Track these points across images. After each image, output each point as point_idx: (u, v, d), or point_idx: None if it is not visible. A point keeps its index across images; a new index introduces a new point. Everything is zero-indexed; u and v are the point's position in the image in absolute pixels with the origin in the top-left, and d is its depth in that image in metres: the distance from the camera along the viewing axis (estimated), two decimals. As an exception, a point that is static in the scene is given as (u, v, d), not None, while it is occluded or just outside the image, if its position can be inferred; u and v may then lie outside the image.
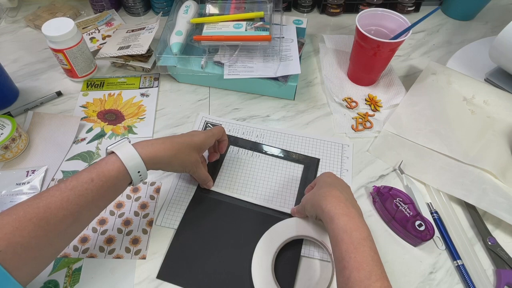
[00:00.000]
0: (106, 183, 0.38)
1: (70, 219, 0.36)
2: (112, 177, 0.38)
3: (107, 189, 0.38)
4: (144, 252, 0.46)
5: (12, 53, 0.71)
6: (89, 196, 0.37)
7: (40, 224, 0.34)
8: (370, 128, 0.60)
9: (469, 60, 0.68)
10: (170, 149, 0.43)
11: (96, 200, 0.38)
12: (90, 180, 0.37)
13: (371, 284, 0.32)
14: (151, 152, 0.41)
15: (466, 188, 0.51)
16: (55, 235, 0.35)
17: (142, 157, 0.40)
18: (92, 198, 0.37)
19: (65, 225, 0.36)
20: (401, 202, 0.49)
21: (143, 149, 0.40)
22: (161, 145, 0.42)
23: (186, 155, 0.45)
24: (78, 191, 0.36)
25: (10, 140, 0.52)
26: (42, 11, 0.78)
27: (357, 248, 0.35)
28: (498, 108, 0.59)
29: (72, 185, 0.36)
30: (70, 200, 0.35)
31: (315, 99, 0.65)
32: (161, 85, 0.66)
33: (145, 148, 0.41)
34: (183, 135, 0.46)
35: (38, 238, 0.33)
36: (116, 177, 0.38)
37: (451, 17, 0.82)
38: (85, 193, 0.36)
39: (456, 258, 0.46)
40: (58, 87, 0.65)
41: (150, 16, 0.81)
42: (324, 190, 0.42)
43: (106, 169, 0.38)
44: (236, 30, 0.60)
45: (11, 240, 0.32)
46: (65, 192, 0.36)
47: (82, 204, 0.36)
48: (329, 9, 0.81)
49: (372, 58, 0.59)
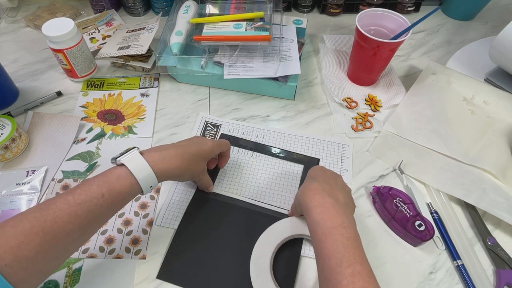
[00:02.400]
0: (117, 199, 0.37)
1: (77, 233, 0.35)
2: (124, 193, 0.37)
3: (117, 203, 0.38)
4: (144, 252, 0.46)
5: (12, 53, 0.71)
6: (98, 211, 0.36)
7: (46, 238, 0.33)
8: (370, 128, 0.60)
9: (469, 60, 0.68)
10: (182, 162, 0.42)
11: (105, 214, 0.37)
12: (100, 195, 0.36)
13: (342, 271, 0.33)
14: (164, 167, 0.40)
15: (466, 188, 0.51)
16: (61, 248, 0.35)
17: (155, 172, 0.39)
18: (101, 213, 0.36)
19: (72, 238, 0.35)
20: (401, 202, 0.49)
21: (157, 164, 0.39)
22: (174, 159, 0.41)
23: (196, 166, 0.45)
24: (87, 206, 0.35)
25: (10, 140, 0.52)
26: (42, 11, 0.78)
27: (327, 237, 0.35)
28: (498, 108, 0.59)
29: (81, 199, 0.35)
30: (79, 215, 0.35)
31: (315, 99, 0.65)
32: (161, 85, 0.66)
33: (159, 163, 0.40)
34: (192, 144, 0.45)
35: (44, 251, 0.33)
36: (129, 192, 0.38)
37: (451, 17, 0.82)
38: (94, 208, 0.35)
39: (456, 258, 0.46)
40: (58, 87, 0.65)
41: (150, 16, 0.81)
42: (304, 185, 0.42)
43: (118, 185, 0.37)
44: (236, 30, 0.60)
45: (17, 254, 0.31)
46: (74, 206, 0.35)
47: (91, 219, 0.36)
48: (329, 9, 0.81)
49: (372, 58, 0.59)
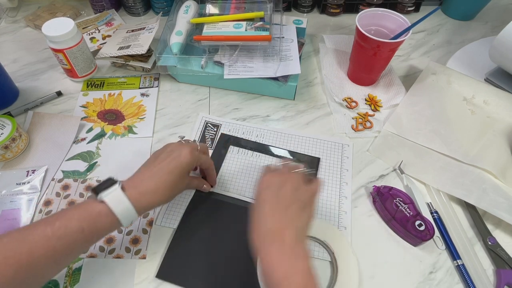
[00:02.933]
0: (96, 234, 0.37)
1: (53, 267, 0.35)
2: (104, 229, 0.37)
3: (96, 238, 0.37)
4: (144, 252, 0.46)
5: (12, 53, 0.71)
6: (77, 245, 0.35)
7: (20, 270, 0.32)
8: (370, 128, 0.60)
9: (469, 60, 0.68)
10: (163, 195, 0.41)
11: (82, 248, 0.37)
12: (80, 230, 0.35)
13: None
14: (145, 204, 0.39)
15: (466, 188, 0.51)
16: (35, 279, 0.34)
17: (137, 210, 0.38)
18: (80, 247, 0.36)
19: (47, 271, 0.35)
20: (401, 202, 0.49)
21: (139, 202, 0.38)
22: (154, 194, 0.40)
23: (178, 188, 0.43)
24: (66, 241, 0.34)
25: (10, 140, 0.52)
26: (42, 11, 0.78)
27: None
28: (498, 108, 0.59)
29: (60, 233, 0.34)
30: (56, 250, 0.34)
31: (315, 99, 0.65)
32: (161, 85, 0.66)
33: (141, 201, 0.38)
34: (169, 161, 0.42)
35: (17, 284, 0.32)
36: (109, 229, 0.38)
37: (451, 17, 0.82)
38: (73, 243, 0.35)
39: (456, 258, 0.46)
40: (58, 87, 0.65)
41: (150, 16, 0.81)
42: (252, 219, 0.38)
43: (99, 222, 0.36)
44: (236, 30, 0.60)
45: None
46: (52, 240, 0.34)
47: (68, 253, 0.35)
48: (329, 9, 0.81)
49: (372, 58, 0.59)
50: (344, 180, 0.53)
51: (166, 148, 0.44)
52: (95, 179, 0.53)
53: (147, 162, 0.43)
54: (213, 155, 0.56)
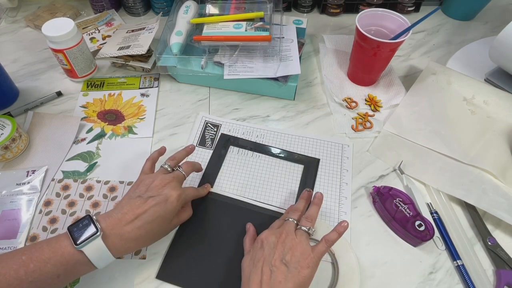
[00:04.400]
0: (71, 278, 0.37)
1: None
2: (79, 273, 0.37)
3: (71, 280, 0.37)
4: (144, 253, 0.46)
5: (12, 53, 0.71)
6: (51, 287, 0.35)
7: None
8: (370, 128, 0.60)
9: (469, 60, 0.68)
10: (147, 241, 0.41)
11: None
12: (56, 276, 0.34)
13: None
14: (126, 250, 0.39)
15: (466, 188, 0.51)
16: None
17: (114, 255, 0.37)
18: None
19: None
20: (401, 202, 0.49)
21: (119, 250, 0.38)
22: (138, 241, 0.39)
23: (163, 232, 0.43)
24: (40, 285, 0.33)
25: (10, 140, 0.52)
26: (42, 11, 0.78)
27: None
28: (498, 108, 0.59)
29: (34, 277, 0.33)
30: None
31: (315, 99, 0.65)
32: (161, 85, 0.66)
33: (120, 250, 0.38)
34: (157, 214, 0.40)
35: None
36: (84, 272, 0.37)
37: (451, 17, 0.82)
38: (47, 287, 0.34)
39: (456, 258, 0.46)
40: (58, 87, 0.65)
41: (150, 16, 0.81)
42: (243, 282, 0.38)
43: (76, 269, 0.36)
44: (236, 30, 0.60)
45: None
46: (25, 283, 0.32)
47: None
48: (329, 9, 0.81)
49: (372, 58, 0.59)
50: (344, 181, 0.53)
51: (152, 181, 0.42)
52: (95, 179, 0.53)
53: (131, 194, 0.42)
54: (213, 155, 0.56)
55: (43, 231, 0.47)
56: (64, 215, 0.49)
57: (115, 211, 0.40)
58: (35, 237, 0.47)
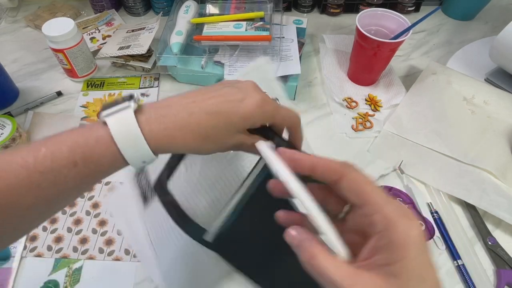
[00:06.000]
0: (94, 171, 0.26)
1: (41, 208, 0.27)
2: (103, 165, 0.27)
3: (94, 176, 0.27)
4: (144, 252, 0.46)
5: (12, 53, 0.71)
6: (69, 184, 0.26)
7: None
8: (370, 128, 0.60)
9: (469, 60, 0.68)
10: (194, 139, 0.28)
11: (78, 188, 0.28)
12: (72, 164, 0.25)
13: None
14: (166, 140, 0.27)
15: (466, 188, 0.51)
16: (20, 222, 0.27)
17: (150, 145, 0.27)
18: (73, 186, 0.27)
19: (34, 212, 0.27)
20: (401, 202, 0.49)
21: (154, 132, 0.27)
22: (182, 132, 0.27)
23: (219, 142, 0.29)
24: (53, 177, 0.25)
25: (10, 140, 0.52)
26: (42, 11, 0.78)
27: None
28: (498, 108, 0.59)
29: (45, 165, 0.25)
30: (42, 187, 0.25)
31: (315, 99, 0.65)
32: (161, 85, 0.66)
33: (158, 134, 0.27)
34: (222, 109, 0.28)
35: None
36: (110, 164, 0.27)
37: (451, 17, 0.82)
38: (63, 181, 0.26)
39: (456, 258, 0.46)
40: (58, 87, 0.65)
41: (150, 16, 0.81)
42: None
43: (96, 153, 0.26)
44: (236, 30, 0.60)
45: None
46: (35, 174, 0.25)
47: (58, 193, 0.26)
48: (329, 9, 0.81)
49: (372, 58, 0.59)
50: None
51: (234, 84, 0.31)
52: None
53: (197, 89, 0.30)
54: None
55: (43, 231, 0.47)
56: (64, 215, 0.49)
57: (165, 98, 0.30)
58: (35, 237, 0.47)
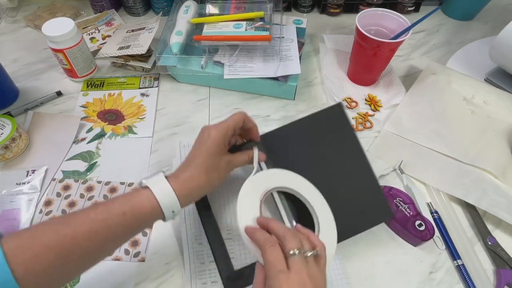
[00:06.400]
0: (138, 219, 0.36)
1: (94, 252, 0.35)
2: (145, 214, 0.36)
3: (138, 224, 0.37)
4: (143, 255, 0.46)
5: (12, 53, 0.71)
6: (119, 230, 0.35)
7: (61, 254, 0.32)
8: (370, 128, 0.60)
9: (469, 60, 0.68)
10: (201, 178, 0.39)
11: (124, 235, 0.37)
12: (122, 214, 0.35)
13: None
14: (187, 190, 0.38)
15: (466, 188, 0.51)
16: (75, 265, 0.34)
17: (178, 197, 0.37)
18: (122, 233, 0.36)
19: (88, 256, 0.34)
20: (401, 202, 0.49)
21: (180, 190, 0.38)
22: (193, 179, 0.39)
23: (216, 170, 0.40)
24: (107, 224, 0.34)
25: (10, 140, 0.52)
26: (42, 11, 0.78)
27: None
28: (498, 108, 0.59)
29: (102, 216, 0.34)
30: (99, 233, 0.34)
31: (315, 99, 0.65)
32: (161, 85, 0.66)
33: (181, 189, 0.38)
34: (201, 147, 0.40)
35: (57, 267, 0.32)
36: (150, 214, 0.37)
37: (451, 17, 0.82)
38: (115, 227, 0.35)
39: (456, 258, 0.46)
40: (58, 87, 0.65)
41: (150, 16, 0.81)
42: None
43: (140, 205, 0.36)
44: (236, 30, 0.60)
45: (29, 267, 0.31)
46: (95, 223, 0.34)
47: (110, 238, 0.35)
48: (329, 9, 0.81)
49: (372, 58, 0.59)
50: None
51: (199, 134, 0.42)
52: (96, 179, 0.53)
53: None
54: None
55: (43, 231, 0.47)
56: (64, 215, 0.49)
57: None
58: (35, 237, 0.47)
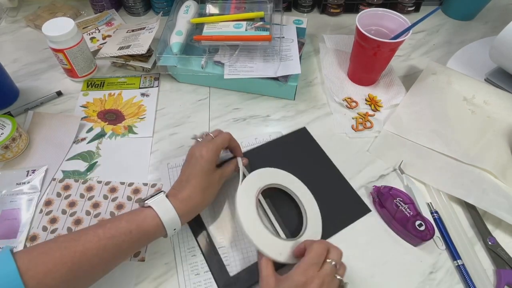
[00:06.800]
0: (143, 237, 0.39)
1: (101, 267, 0.38)
2: (149, 232, 0.40)
3: (142, 242, 0.40)
4: (143, 255, 0.46)
5: (12, 53, 0.71)
6: (124, 246, 0.38)
7: (72, 269, 0.35)
8: (370, 128, 0.60)
9: (469, 60, 0.68)
10: (198, 196, 0.43)
11: (129, 250, 0.40)
12: (129, 231, 0.38)
13: None
14: (187, 208, 0.42)
15: (466, 188, 0.51)
16: (84, 279, 0.37)
17: (179, 215, 0.41)
18: (127, 249, 0.39)
19: (96, 271, 0.37)
20: (401, 202, 0.49)
21: (180, 208, 0.41)
22: (191, 199, 0.42)
23: (211, 186, 0.45)
24: (115, 241, 0.37)
25: (10, 140, 0.52)
26: (42, 11, 0.78)
27: None
28: (498, 108, 0.59)
29: (111, 233, 0.37)
30: (107, 249, 0.37)
31: (315, 99, 0.65)
32: (161, 85, 0.66)
33: (181, 207, 0.41)
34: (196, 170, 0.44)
35: (68, 282, 0.35)
36: (154, 232, 0.40)
37: (451, 17, 0.82)
38: (121, 244, 0.38)
39: (456, 258, 0.46)
40: (58, 87, 0.65)
41: (150, 16, 0.81)
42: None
43: (145, 224, 0.39)
44: (236, 30, 0.60)
45: (41, 281, 0.33)
46: (103, 240, 0.37)
47: (116, 254, 0.38)
48: (329, 9, 0.81)
49: (372, 58, 0.59)
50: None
51: (188, 154, 0.46)
52: (96, 179, 0.53)
53: (180, 171, 0.46)
54: None
55: (43, 231, 0.47)
56: (64, 215, 0.49)
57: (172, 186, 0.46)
58: (35, 237, 0.47)
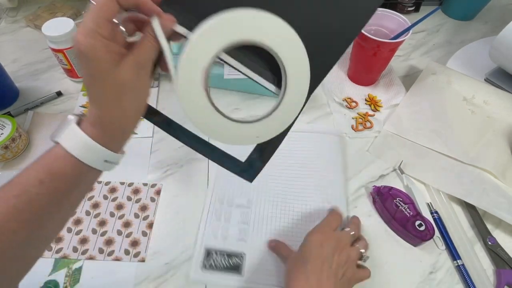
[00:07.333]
0: (61, 183, 0.29)
1: (28, 228, 0.29)
2: (67, 175, 0.29)
3: (64, 189, 0.30)
4: (143, 255, 0.46)
5: (12, 53, 0.71)
6: (42, 201, 0.29)
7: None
8: (370, 128, 0.60)
9: (469, 60, 0.68)
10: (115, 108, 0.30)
11: (53, 204, 0.29)
12: (38, 182, 0.29)
13: None
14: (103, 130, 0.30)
15: (466, 188, 0.51)
16: (15, 249, 0.29)
17: (99, 142, 0.30)
18: (47, 203, 0.29)
19: (24, 235, 0.29)
20: (401, 202, 0.49)
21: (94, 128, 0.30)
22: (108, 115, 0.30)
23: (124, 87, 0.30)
24: (26, 197, 0.28)
25: (10, 140, 0.52)
26: (42, 11, 0.78)
27: None
28: (498, 108, 0.59)
29: (18, 189, 0.28)
30: (20, 209, 0.28)
31: (315, 99, 0.65)
32: (161, 85, 0.66)
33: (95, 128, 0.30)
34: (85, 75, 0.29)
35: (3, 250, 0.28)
36: (73, 174, 0.29)
37: (451, 17, 0.82)
38: (36, 198, 0.28)
39: (456, 258, 0.46)
40: (58, 87, 0.65)
41: (150, 16, 0.80)
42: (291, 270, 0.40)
43: (56, 167, 0.29)
44: (236, 30, 0.60)
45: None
46: (11, 199, 0.28)
47: (37, 211, 0.29)
48: (329, 9, 0.81)
49: (372, 58, 0.59)
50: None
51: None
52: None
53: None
54: None
55: (43, 231, 0.47)
56: (64, 215, 0.49)
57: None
58: (35, 237, 0.47)
